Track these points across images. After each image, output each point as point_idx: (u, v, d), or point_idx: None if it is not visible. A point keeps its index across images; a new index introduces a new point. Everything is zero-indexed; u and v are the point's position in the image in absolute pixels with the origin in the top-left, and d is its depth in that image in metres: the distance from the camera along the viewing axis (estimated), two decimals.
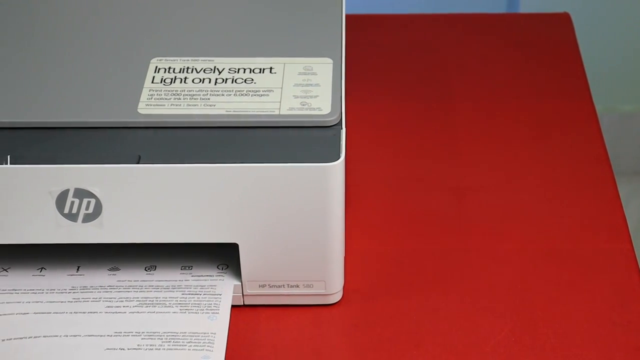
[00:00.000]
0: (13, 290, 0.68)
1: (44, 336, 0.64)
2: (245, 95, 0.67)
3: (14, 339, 0.64)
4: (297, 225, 0.65)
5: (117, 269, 0.70)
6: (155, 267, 0.70)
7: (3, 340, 0.64)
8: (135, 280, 0.69)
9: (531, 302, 0.69)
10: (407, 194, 0.79)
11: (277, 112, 0.66)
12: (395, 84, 0.91)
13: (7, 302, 0.67)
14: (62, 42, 0.72)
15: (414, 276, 0.72)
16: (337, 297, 0.69)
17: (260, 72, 0.69)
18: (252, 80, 0.68)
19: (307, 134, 0.65)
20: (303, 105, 0.66)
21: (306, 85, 0.68)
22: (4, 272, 0.69)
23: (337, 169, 0.63)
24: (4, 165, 0.63)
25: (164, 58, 0.70)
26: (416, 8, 1.18)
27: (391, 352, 0.66)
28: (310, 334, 0.68)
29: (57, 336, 0.64)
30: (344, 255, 0.68)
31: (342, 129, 0.65)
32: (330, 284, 0.68)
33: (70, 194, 0.64)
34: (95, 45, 0.71)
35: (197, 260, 0.70)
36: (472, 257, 0.73)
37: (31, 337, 0.64)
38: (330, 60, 0.70)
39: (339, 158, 0.63)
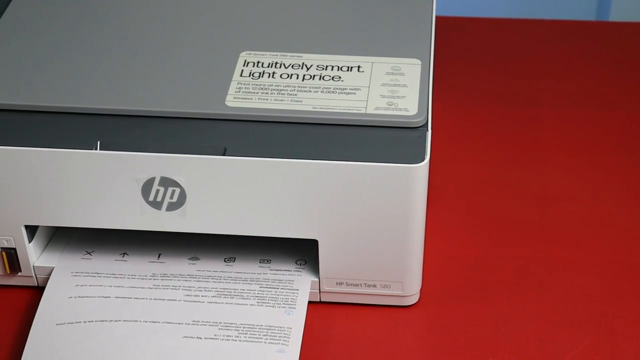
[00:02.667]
0: (96, 273, 0.69)
1: (124, 320, 0.65)
2: (332, 92, 0.67)
3: (95, 321, 0.65)
4: (378, 225, 0.65)
5: (197, 258, 0.71)
6: (235, 258, 0.71)
7: (85, 321, 0.65)
8: (214, 271, 0.69)
9: (612, 316, 0.68)
10: (489, 199, 0.78)
11: (363, 111, 0.66)
12: (481, 88, 0.90)
13: (89, 285, 0.68)
14: (155, 33, 0.73)
15: (492, 282, 0.71)
16: (413, 299, 0.69)
17: (348, 70, 0.69)
18: (340, 77, 0.68)
19: (392, 134, 0.65)
20: (389, 105, 0.66)
21: (393, 85, 0.68)
22: (88, 256, 0.71)
23: (421, 170, 0.63)
24: (94, 151, 0.64)
25: (253, 52, 0.71)
26: (503, 12, 1.17)
27: (466, 358, 0.66)
28: (385, 334, 0.67)
29: (136, 321, 0.65)
30: (422, 257, 0.68)
31: (427, 130, 0.65)
32: (407, 286, 0.68)
33: (156, 182, 0.65)
34: (187, 38, 0.72)
35: (276, 254, 0.71)
36: (553, 266, 0.72)
37: (112, 320, 0.65)
38: (418, 61, 0.70)
39: (423, 160, 0.63)
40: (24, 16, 0.74)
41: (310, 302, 0.68)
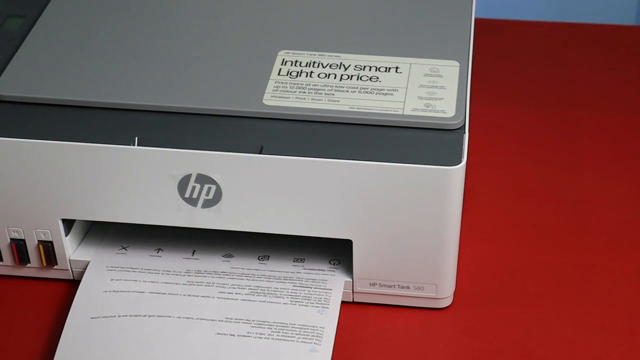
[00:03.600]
0: (131, 268, 0.70)
1: (158, 315, 0.66)
2: (370, 93, 0.67)
3: (129, 315, 0.66)
4: (413, 227, 0.65)
5: (231, 255, 0.71)
6: (268, 257, 0.71)
7: (119, 316, 0.66)
8: (248, 269, 0.70)
9: None
10: (525, 203, 0.78)
11: (400, 112, 0.66)
12: (519, 91, 0.90)
13: (124, 280, 0.69)
14: (196, 31, 0.73)
15: (526, 287, 0.70)
16: (447, 302, 0.69)
17: (385, 70, 0.69)
18: (377, 78, 0.68)
19: (429, 136, 0.64)
20: (427, 106, 0.66)
21: (431, 87, 0.67)
22: (123, 251, 0.71)
23: (457, 173, 0.63)
24: (132, 147, 0.64)
25: (291, 51, 0.71)
26: (543, 15, 1.16)
27: None
28: (418, 336, 0.67)
29: (170, 317, 0.66)
30: (457, 260, 0.68)
31: (465, 133, 0.65)
32: (441, 288, 0.68)
33: (192, 179, 0.65)
34: (226, 36, 0.72)
35: (310, 254, 0.71)
36: (589, 273, 0.72)
37: (146, 315, 0.66)
38: (457, 63, 0.69)
39: (460, 162, 0.63)
40: (65, 12, 0.75)
41: (343, 302, 0.68)
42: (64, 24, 0.73)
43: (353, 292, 0.69)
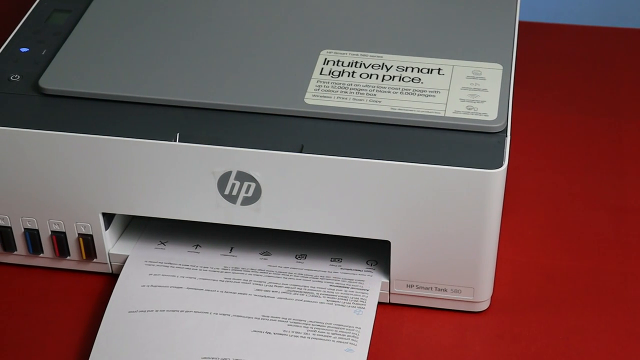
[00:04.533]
0: (169, 263, 0.70)
1: (195, 311, 0.66)
2: (412, 94, 0.67)
3: (167, 310, 0.66)
4: (451, 229, 0.64)
5: (268, 253, 0.71)
6: (306, 256, 0.71)
7: (157, 310, 0.66)
8: (285, 267, 0.70)
9: None
10: (565, 208, 0.77)
11: (442, 114, 0.65)
12: (562, 95, 0.89)
13: (162, 275, 0.69)
14: (238, 29, 0.73)
15: (565, 293, 0.70)
16: (484, 306, 0.69)
17: (428, 72, 0.69)
18: (420, 79, 0.68)
19: (470, 139, 0.64)
20: (469, 109, 0.66)
21: (474, 90, 0.67)
22: (162, 246, 0.72)
23: (498, 176, 0.62)
24: (173, 143, 0.65)
25: (333, 51, 0.71)
26: (587, 19, 1.15)
27: None
28: (454, 340, 0.67)
29: (207, 313, 0.66)
30: (495, 264, 0.67)
31: (506, 136, 0.64)
32: (478, 292, 0.67)
33: (232, 176, 0.65)
34: (269, 34, 0.72)
35: (347, 254, 0.71)
36: (628, 279, 0.71)
37: (183, 310, 0.66)
38: (500, 66, 0.69)
39: (501, 165, 0.62)
40: (110, 7, 0.75)
41: (379, 303, 0.68)
42: (108, 20, 0.74)
43: (390, 293, 0.69)
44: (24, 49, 0.72)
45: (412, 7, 0.75)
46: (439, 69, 0.69)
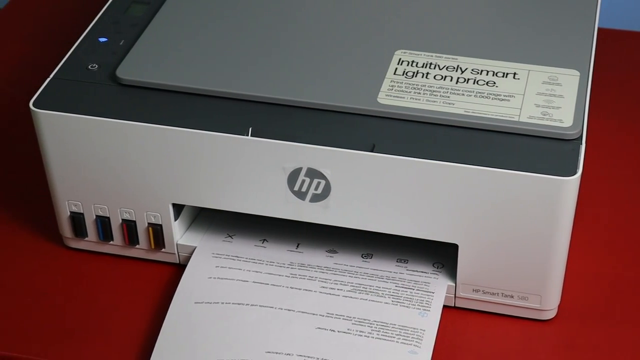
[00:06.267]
0: (236, 257, 0.70)
1: (260, 305, 0.66)
2: (486, 97, 0.66)
3: (232, 303, 0.67)
4: (521, 235, 0.64)
5: (334, 251, 0.71)
6: (372, 255, 0.71)
7: (222, 302, 0.67)
8: (351, 266, 0.70)
9: None
10: (636, 219, 0.75)
11: (516, 119, 0.65)
12: (638, 104, 0.87)
13: (229, 268, 0.69)
14: (314, 27, 0.73)
15: (633, 305, 0.69)
16: (551, 314, 0.68)
17: (503, 76, 0.68)
18: (494, 83, 0.67)
19: (544, 145, 0.63)
20: (544, 115, 0.65)
21: (549, 95, 0.66)
22: (229, 239, 0.72)
23: (572, 184, 0.61)
24: (245, 137, 0.65)
25: (408, 51, 0.70)
26: None
27: None
28: (519, 347, 0.66)
29: (272, 307, 0.66)
30: (564, 272, 0.67)
31: (581, 144, 0.63)
32: (546, 300, 0.67)
33: (303, 172, 0.65)
34: (345, 33, 0.72)
35: (413, 255, 0.71)
36: None
37: (248, 304, 0.66)
38: (577, 73, 0.68)
39: (575, 173, 0.61)
40: (188, 0, 0.76)
41: (444, 306, 0.68)
42: (186, 12, 0.74)
43: (455, 296, 0.68)
44: (102, 39, 0.73)
45: (489, 9, 0.75)
46: (515, 73, 0.68)
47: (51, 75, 0.70)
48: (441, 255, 0.70)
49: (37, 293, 0.71)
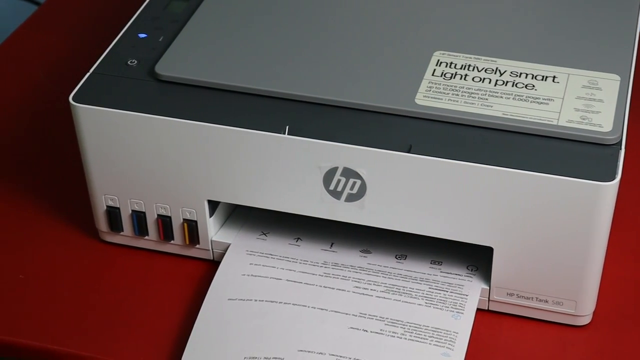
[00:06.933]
0: (269, 254, 0.71)
1: (293, 304, 0.66)
2: (524, 100, 0.66)
3: (266, 301, 0.67)
4: (557, 240, 0.63)
5: (368, 251, 0.71)
6: (406, 256, 0.71)
7: (255, 300, 0.67)
8: (385, 266, 0.70)
9: None
10: None
11: (554, 123, 0.64)
12: None
13: (263, 265, 0.70)
14: (353, 27, 0.73)
15: None
16: (585, 320, 0.67)
17: (542, 79, 0.68)
18: (533, 86, 0.67)
19: (583, 149, 0.63)
20: (583, 119, 0.64)
21: (589, 100, 0.66)
22: (263, 236, 0.72)
23: (610, 189, 0.61)
24: (282, 135, 0.65)
25: (447, 52, 0.70)
26: None
27: None
28: (552, 353, 0.66)
29: (305, 306, 0.66)
30: (600, 278, 0.66)
31: (620, 149, 0.63)
32: (581, 306, 0.66)
33: (339, 172, 0.65)
34: (383, 33, 0.72)
35: (448, 257, 0.70)
36: None
37: (281, 302, 0.67)
38: (617, 77, 0.67)
39: (614, 178, 0.61)
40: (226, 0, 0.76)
41: (477, 309, 0.67)
42: (225, 9, 0.75)
43: (489, 300, 0.68)
44: (142, 35, 0.73)
45: (529, 12, 0.74)
46: (554, 77, 0.68)
47: (91, 70, 0.70)
48: (475, 258, 0.70)
49: (71, 286, 0.71)
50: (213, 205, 0.71)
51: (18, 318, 0.69)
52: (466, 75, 0.68)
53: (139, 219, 0.72)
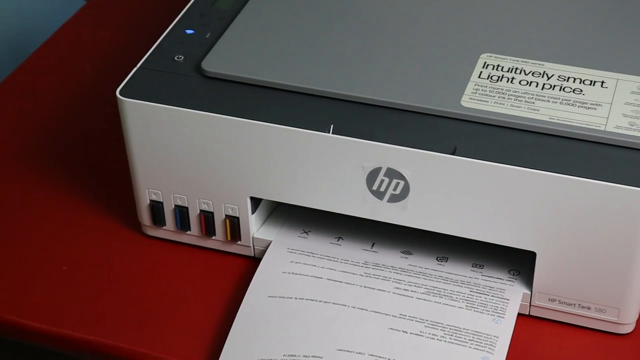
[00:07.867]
0: (311, 253, 0.71)
1: (334, 303, 0.66)
2: (572, 105, 0.65)
3: (306, 299, 0.67)
4: (602, 246, 0.63)
5: (409, 253, 0.71)
6: (447, 258, 0.70)
7: (296, 298, 0.67)
8: (426, 268, 0.69)
9: None
10: None
11: (602, 128, 0.63)
12: None
13: (304, 264, 0.70)
14: (400, 27, 0.73)
15: None
16: (628, 329, 0.67)
17: (590, 84, 0.67)
18: (581, 91, 0.66)
19: (630, 156, 0.62)
20: (631, 125, 0.64)
21: (637, 106, 0.65)
22: (305, 235, 0.73)
23: None
24: (326, 134, 0.65)
25: (494, 55, 0.70)
26: None
27: None
28: None
29: (345, 305, 0.66)
30: None
31: None
32: (624, 313, 0.65)
33: (382, 172, 0.65)
34: (430, 33, 0.72)
35: (489, 261, 0.70)
36: None
37: (321, 301, 0.67)
38: None
39: None
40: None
41: (518, 314, 0.67)
42: (272, 7, 0.75)
43: (530, 305, 0.68)
44: (189, 31, 0.74)
45: (578, 16, 0.74)
46: (602, 82, 0.67)
47: (138, 65, 0.71)
48: (518, 262, 0.69)
49: (113, 278, 0.72)
50: (255, 202, 0.71)
51: (61, 309, 0.70)
52: (513, 78, 0.68)
53: (181, 213, 0.72)
